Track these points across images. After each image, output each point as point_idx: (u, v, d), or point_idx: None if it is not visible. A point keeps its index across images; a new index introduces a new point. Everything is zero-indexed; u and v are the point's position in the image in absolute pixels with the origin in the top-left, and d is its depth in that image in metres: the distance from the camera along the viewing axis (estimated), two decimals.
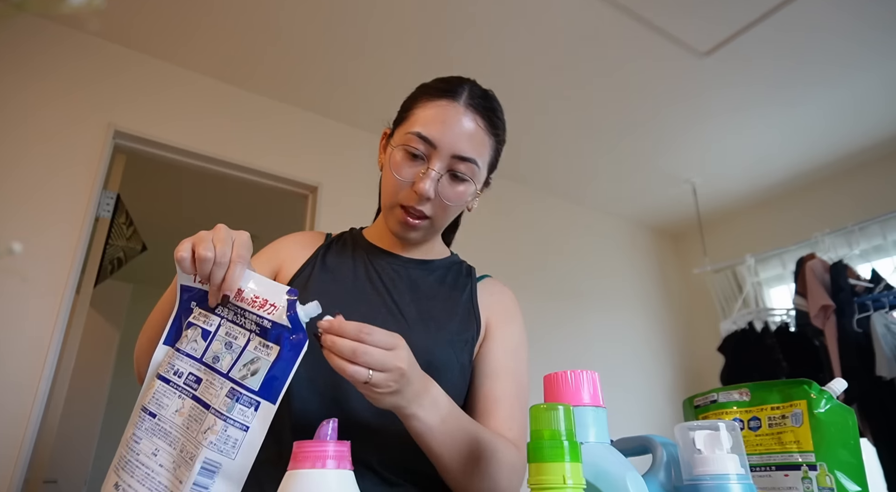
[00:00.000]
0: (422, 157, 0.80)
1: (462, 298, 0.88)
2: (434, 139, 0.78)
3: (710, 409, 0.65)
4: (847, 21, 2.17)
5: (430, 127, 0.79)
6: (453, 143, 0.79)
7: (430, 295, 0.87)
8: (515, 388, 0.82)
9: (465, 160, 0.80)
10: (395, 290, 0.85)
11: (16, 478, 1.69)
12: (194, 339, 0.62)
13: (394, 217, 0.84)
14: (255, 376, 0.58)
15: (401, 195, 0.81)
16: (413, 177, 0.79)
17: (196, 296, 0.64)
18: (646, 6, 2.09)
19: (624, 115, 2.73)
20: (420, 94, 0.85)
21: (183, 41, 2.27)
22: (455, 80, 0.85)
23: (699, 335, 3.71)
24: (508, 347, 0.86)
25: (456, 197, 0.82)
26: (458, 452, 0.68)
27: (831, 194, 3.26)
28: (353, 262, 0.89)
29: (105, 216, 2.15)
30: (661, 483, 0.52)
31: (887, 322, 2.37)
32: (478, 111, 0.82)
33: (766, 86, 2.54)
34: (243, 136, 2.46)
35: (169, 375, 0.62)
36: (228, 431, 0.56)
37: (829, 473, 0.54)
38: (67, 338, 1.95)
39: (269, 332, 0.60)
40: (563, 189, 3.43)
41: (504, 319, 0.88)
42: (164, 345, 0.64)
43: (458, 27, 2.20)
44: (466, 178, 0.81)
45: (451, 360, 0.80)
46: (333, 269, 0.88)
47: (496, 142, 0.86)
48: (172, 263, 0.61)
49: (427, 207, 0.81)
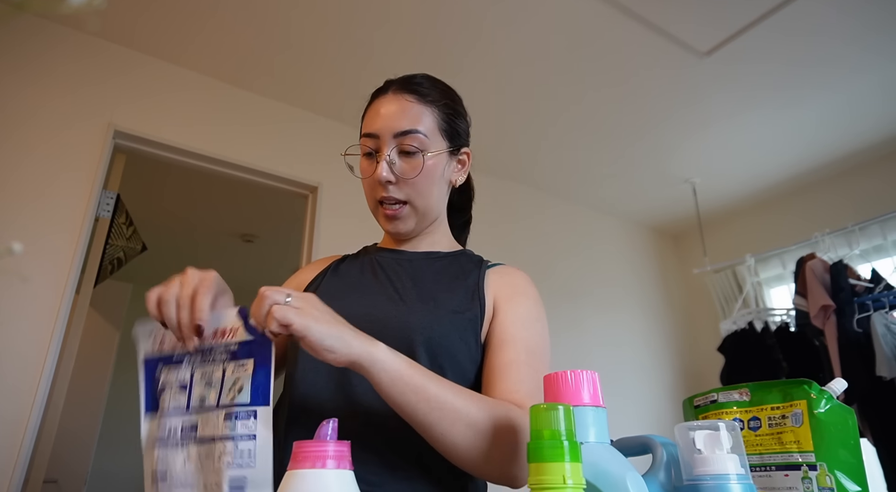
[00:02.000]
0: (374, 151, 0.87)
1: (466, 283, 0.87)
2: (375, 131, 0.86)
3: (710, 409, 0.65)
4: (847, 21, 2.17)
5: (370, 123, 0.87)
6: (388, 125, 0.85)
7: (431, 280, 0.88)
8: (525, 355, 0.78)
9: (406, 133, 0.85)
10: (398, 279, 0.88)
11: (16, 478, 1.69)
12: (175, 396, 0.64)
13: (379, 216, 0.90)
14: (242, 392, 0.61)
15: (374, 193, 0.88)
16: (373, 172, 0.86)
17: (161, 360, 0.67)
18: (646, 6, 2.09)
19: (624, 115, 2.73)
20: (365, 107, 0.93)
21: (183, 41, 2.27)
22: (387, 80, 0.92)
23: (699, 335, 3.71)
24: (517, 318, 0.83)
25: (412, 169, 0.85)
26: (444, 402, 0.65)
27: (831, 194, 3.26)
28: (361, 264, 0.94)
29: (105, 216, 2.15)
30: (661, 483, 0.52)
31: (887, 322, 2.37)
32: (401, 91, 0.88)
33: (766, 86, 2.54)
34: (243, 136, 2.46)
35: (165, 438, 0.64)
36: (240, 446, 0.59)
37: (829, 473, 0.54)
38: (67, 338, 1.94)
39: (238, 352, 0.63)
40: (564, 189, 3.43)
41: (512, 295, 0.86)
42: (146, 416, 0.66)
43: (458, 27, 2.20)
44: (415, 149, 0.85)
45: (452, 336, 0.79)
46: (343, 274, 0.93)
47: (436, 108, 0.88)
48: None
49: (395, 190, 0.86)
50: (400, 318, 0.80)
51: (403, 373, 0.64)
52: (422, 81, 0.90)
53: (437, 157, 0.87)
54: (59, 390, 1.90)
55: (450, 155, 0.90)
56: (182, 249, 4.08)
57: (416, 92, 0.88)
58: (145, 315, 0.64)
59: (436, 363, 0.77)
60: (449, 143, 0.90)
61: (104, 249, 2.15)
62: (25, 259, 1.88)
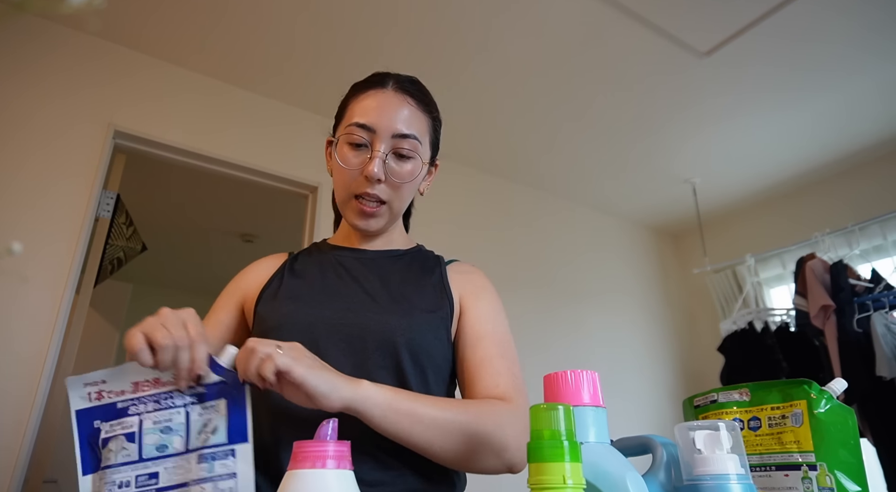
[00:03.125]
0: (365, 144, 0.83)
1: (432, 280, 0.89)
2: (372, 124, 0.82)
3: (710, 409, 0.65)
4: (847, 21, 2.17)
5: (366, 115, 0.83)
6: (390, 123, 0.82)
7: (399, 280, 0.88)
8: (497, 348, 0.83)
9: (407, 137, 0.83)
10: (366, 280, 0.87)
11: (16, 478, 1.69)
12: (121, 447, 0.61)
13: (351, 210, 0.86)
14: (217, 432, 0.61)
15: (353, 185, 0.84)
16: (360, 164, 0.83)
17: (98, 414, 0.63)
18: (646, 6, 2.09)
19: (624, 115, 2.73)
20: (351, 93, 0.89)
21: (183, 41, 2.27)
22: (379, 74, 0.89)
23: (699, 335, 3.71)
24: (482, 313, 0.86)
25: (405, 175, 0.84)
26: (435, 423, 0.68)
27: (831, 194, 3.26)
28: (321, 265, 0.91)
29: (105, 216, 2.15)
30: (661, 483, 0.52)
31: (887, 322, 2.37)
32: (407, 92, 0.86)
33: (766, 86, 2.54)
34: (243, 136, 2.46)
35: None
36: (220, 485, 0.58)
37: (829, 473, 0.54)
38: (67, 338, 1.95)
39: (206, 394, 0.63)
40: (564, 189, 3.43)
41: (475, 291, 0.89)
42: (84, 476, 0.61)
43: (459, 27, 2.20)
44: (412, 155, 0.84)
45: (428, 336, 0.81)
46: (301, 274, 0.89)
47: (432, 119, 0.89)
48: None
49: (380, 189, 0.83)
50: (379, 320, 0.80)
51: (392, 402, 0.67)
52: (420, 87, 0.90)
53: (422, 166, 0.87)
54: (59, 390, 1.90)
55: (428, 165, 0.90)
56: (182, 249, 4.08)
57: (416, 97, 0.87)
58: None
59: (418, 365, 0.79)
60: (431, 153, 0.90)
61: (104, 250, 2.15)
62: (25, 259, 1.88)
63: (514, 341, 0.87)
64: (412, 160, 0.85)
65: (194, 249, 4.11)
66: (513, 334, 0.89)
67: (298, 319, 0.80)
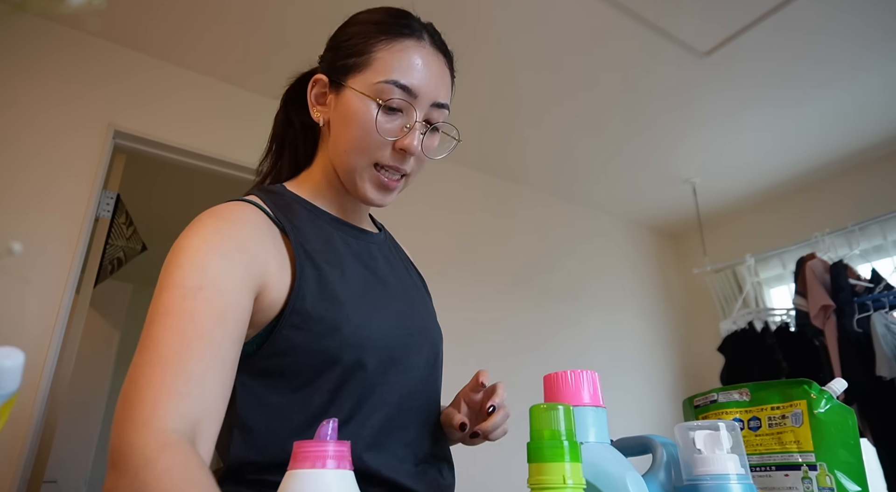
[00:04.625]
0: (400, 109, 0.70)
1: (412, 269, 0.89)
2: (416, 88, 0.69)
3: (710, 409, 0.65)
4: (847, 21, 2.17)
5: (410, 74, 0.69)
6: (434, 90, 0.71)
7: (403, 269, 0.84)
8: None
9: (443, 107, 0.73)
10: (390, 273, 0.78)
11: (16, 478, 1.69)
12: None
13: (368, 179, 0.73)
14: None
15: (377, 154, 0.71)
16: (393, 132, 0.70)
17: None
18: (646, 6, 2.09)
19: (624, 115, 2.73)
20: (373, 31, 0.72)
21: (184, 41, 2.27)
22: (404, 14, 0.75)
23: (699, 335, 3.71)
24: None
25: (433, 149, 0.75)
26: None
27: (831, 194, 3.26)
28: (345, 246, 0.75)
29: (105, 216, 2.15)
30: (661, 483, 0.52)
31: (887, 322, 2.37)
32: (442, 51, 0.75)
33: (766, 86, 2.54)
34: (243, 136, 2.46)
35: None
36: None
37: (829, 473, 0.54)
38: (67, 338, 1.94)
39: None
40: (563, 189, 3.43)
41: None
42: None
43: (459, 27, 2.20)
44: (442, 127, 0.76)
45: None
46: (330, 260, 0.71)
47: (453, 81, 0.79)
48: None
49: (409, 163, 0.73)
50: (426, 325, 0.77)
51: None
52: (445, 41, 0.78)
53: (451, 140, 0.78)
54: (59, 391, 1.90)
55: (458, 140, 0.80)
56: None
57: (449, 56, 0.76)
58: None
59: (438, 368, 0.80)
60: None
61: (104, 249, 2.15)
62: (25, 259, 1.88)
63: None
64: (438, 133, 0.75)
65: None
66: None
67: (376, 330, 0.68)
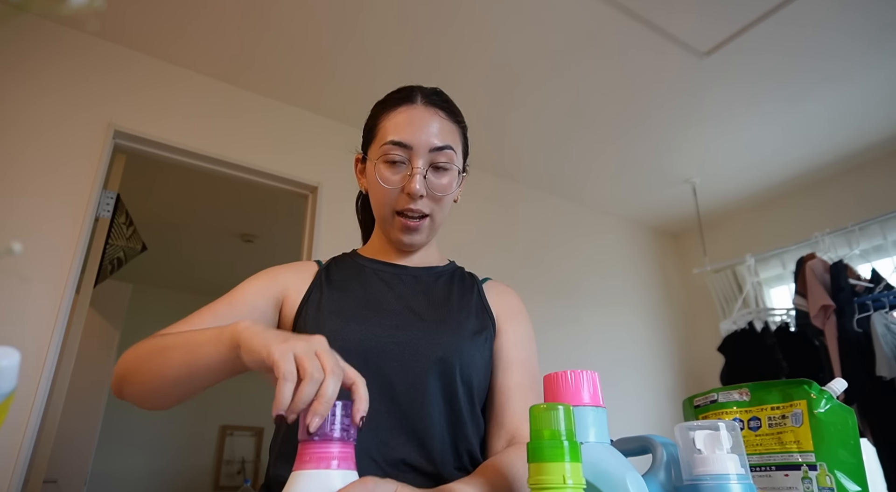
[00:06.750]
0: (402, 161, 0.84)
1: (473, 299, 0.90)
2: (408, 141, 0.84)
3: (710, 409, 0.65)
4: (847, 20, 2.17)
5: (401, 132, 0.84)
6: (426, 139, 0.84)
7: (443, 298, 0.89)
8: (529, 379, 0.85)
9: (443, 149, 0.85)
10: (412, 297, 0.87)
11: (16, 478, 1.69)
12: None
13: (394, 226, 0.88)
14: None
15: (395, 202, 0.86)
16: (400, 181, 0.84)
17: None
18: (646, 6, 2.09)
19: (624, 114, 2.73)
20: (379, 110, 0.90)
21: (183, 41, 2.27)
22: (405, 88, 0.91)
23: (699, 335, 3.71)
24: (518, 339, 0.89)
25: (445, 186, 0.86)
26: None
27: (831, 194, 3.26)
28: (360, 277, 0.89)
29: (105, 216, 2.15)
30: (661, 483, 0.52)
31: (887, 322, 2.37)
32: (436, 105, 0.88)
33: (766, 85, 2.54)
34: (243, 136, 2.46)
35: None
36: None
37: (829, 473, 0.54)
38: (67, 338, 1.94)
39: None
40: (563, 189, 3.43)
41: (511, 315, 0.91)
42: None
43: (458, 27, 2.20)
44: (449, 166, 0.86)
45: (477, 360, 0.82)
46: (341, 286, 0.87)
47: (461, 127, 0.92)
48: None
49: (422, 203, 0.85)
50: (429, 340, 0.80)
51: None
52: (446, 97, 0.92)
53: (458, 174, 0.89)
54: (59, 390, 1.90)
55: (462, 172, 0.91)
56: (182, 249, 4.08)
57: (445, 108, 0.89)
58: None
59: (467, 387, 0.80)
60: (463, 160, 0.92)
61: (104, 249, 2.15)
62: (25, 259, 1.88)
63: None
64: (449, 171, 0.86)
65: (194, 249, 4.10)
66: None
67: (348, 336, 0.78)
